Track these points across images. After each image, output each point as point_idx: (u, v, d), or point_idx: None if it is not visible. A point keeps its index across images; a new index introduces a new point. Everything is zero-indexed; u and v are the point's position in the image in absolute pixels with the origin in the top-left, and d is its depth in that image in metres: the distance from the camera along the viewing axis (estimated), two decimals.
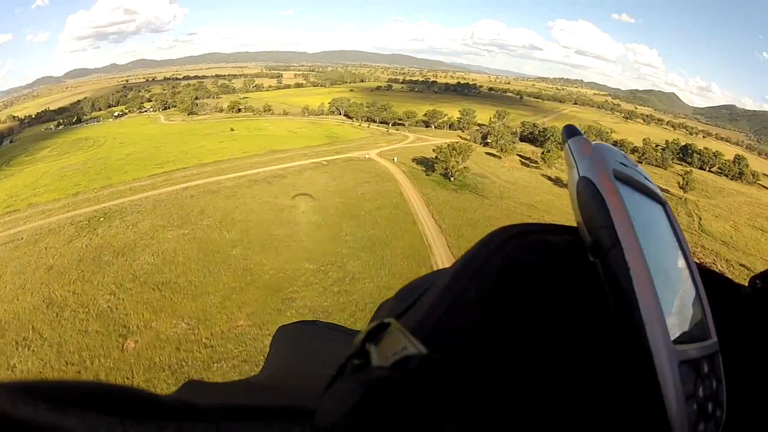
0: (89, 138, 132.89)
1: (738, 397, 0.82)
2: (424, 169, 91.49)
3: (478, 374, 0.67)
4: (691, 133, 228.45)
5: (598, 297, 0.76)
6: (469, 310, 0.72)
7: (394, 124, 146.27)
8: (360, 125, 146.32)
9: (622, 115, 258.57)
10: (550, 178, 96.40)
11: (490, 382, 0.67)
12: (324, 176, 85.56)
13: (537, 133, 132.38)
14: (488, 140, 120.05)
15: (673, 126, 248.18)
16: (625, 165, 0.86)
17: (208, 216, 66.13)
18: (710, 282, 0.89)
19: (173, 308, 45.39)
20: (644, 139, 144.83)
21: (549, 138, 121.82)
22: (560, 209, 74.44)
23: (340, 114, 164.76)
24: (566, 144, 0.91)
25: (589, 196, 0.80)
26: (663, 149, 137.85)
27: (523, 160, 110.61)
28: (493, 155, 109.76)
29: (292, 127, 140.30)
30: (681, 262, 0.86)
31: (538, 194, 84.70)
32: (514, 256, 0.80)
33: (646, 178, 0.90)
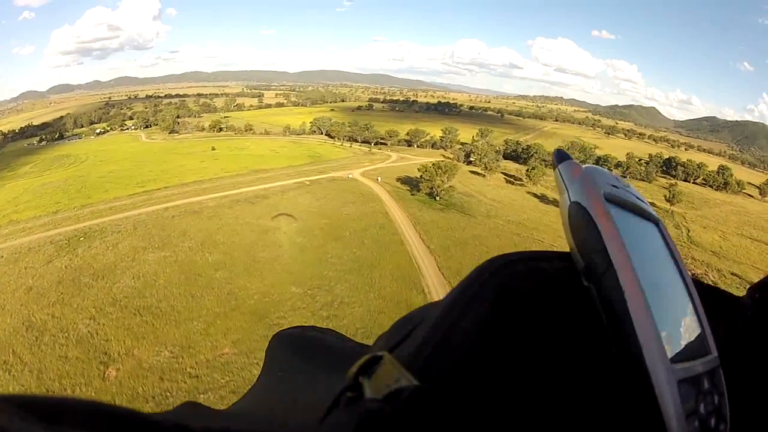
0: (71, 155, 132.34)
1: (742, 409, 0.81)
2: (408, 188, 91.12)
3: (472, 404, 0.66)
4: (673, 146, 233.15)
5: (593, 322, 0.76)
6: (462, 340, 0.72)
7: (376, 144, 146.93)
8: (342, 145, 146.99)
9: (604, 130, 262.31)
10: (535, 195, 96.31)
11: (484, 412, 0.66)
12: (307, 197, 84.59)
13: (520, 150, 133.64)
14: (472, 159, 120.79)
15: (654, 140, 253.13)
16: (616, 187, 0.86)
17: (190, 237, 64.98)
18: (708, 296, 0.89)
19: (155, 335, 44.01)
20: (627, 154, 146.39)
21: (533, 155, 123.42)
22: (548, 225, 74.30)
23: (322, 133, 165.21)
24: (557, 169, 0.91)
25: (580, 220, 0.81)
26: (647, 163, 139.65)
27: (508, 178, 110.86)
28: (478, 174, 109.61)
29: (274, 146, 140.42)
30: (676, 280, 0.86)
31: (525, 212, 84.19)
32: (507, 285, 0.79)
33: (638, 198, 0.90)
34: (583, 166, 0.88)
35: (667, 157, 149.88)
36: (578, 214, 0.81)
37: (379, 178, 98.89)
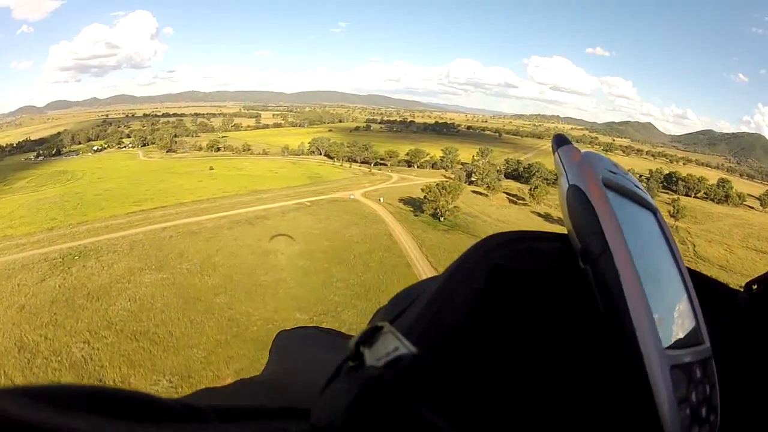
0: (67, 171, 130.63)
1: (733, 401, 0.83)
2: (411, 209, 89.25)
3: (468, 373, 0.68)
4: (671, 161, 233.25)
5: (589, 303, 0.77)
6: (458, 312, 0.73)
7: (376, 164, 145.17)
8: (341, 165, 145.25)
9: (602, 147, 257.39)
10: (540, 215, 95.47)
11: (479, 380, 0.68)
12: (309, 218, 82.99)
13: (522, 169, 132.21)
14: (473, 179, 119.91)
15: (653, 155, 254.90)
16: (614, 173, 0.87)
17: (188, 259, 63.22)
18: (704, 288, 0.90)
19: (153, 362, 42.28)
20: (628, 170, 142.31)
21: (535, 174, 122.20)
22: None
23: (321, 154, 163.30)
24: (556, 153, 0.93)
25: (578, 203, 0.82)
26: (648, 179, 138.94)
27: (510, 198, 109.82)
28: (480, 193, 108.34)
29: (273, 166, 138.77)
30: (672, 268, 0.87)
31: None
32: (504, 263, 0.81)
33: (636, 186, 0.91)
34: (583, 151, 0.91)
35: (667, 172, 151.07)
36: (576, 197, 0.82)
37: (382, 199, 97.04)
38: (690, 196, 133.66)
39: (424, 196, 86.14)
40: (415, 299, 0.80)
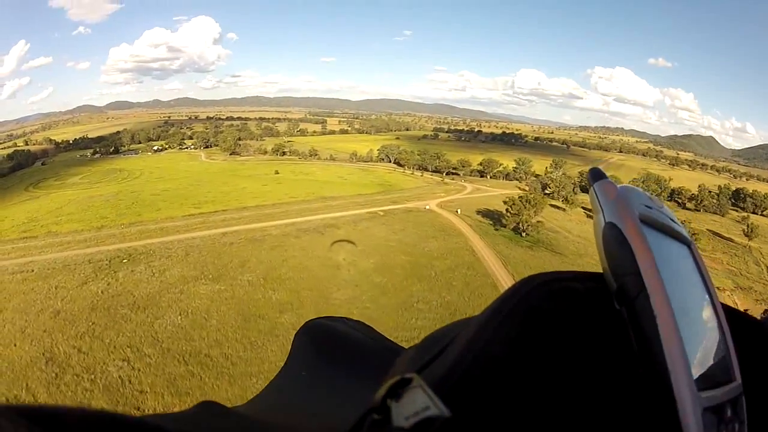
0: (124, 169, 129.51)
1: None
2: (491, 222, 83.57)
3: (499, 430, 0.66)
4: (735, 177, 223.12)
5: (624, 346, 0.77)
6: (493, 365, 0.72)
7: (447, 173, 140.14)
8: (413, 173, 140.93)
9: (668, 161, 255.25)
10: None
11: None
12: (383, 228, 76.37)
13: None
14: (547, 191, 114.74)
15: (717, 170, 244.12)
16: (650, 207, 0.87)
17: (249, 270, 57.28)
18: (733, 321, 0.88)
19: (203, 391, 35.56)
20: (699, 186, 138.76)
21: None
22: None
23: (390, 161, 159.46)
24: (592, 188, 0.92)
25: (615, 242, 0.81)
26: (716, 195, 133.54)
27: (588, 212, 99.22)
28: (557, 207, 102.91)
29: (342, 173, 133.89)
30: (706, 304, 0.85)
31: None
32: (539, 307, 0.80)
33: (671, 219, 0.91)
34: (619, 185, 0.90)
35: (734, 188, 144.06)
36: (613, 236, 0.82)
37: (459, 211, 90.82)
38: (757, 214, 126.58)
39: (506, 209, 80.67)
40: (447, 345, 0.80)
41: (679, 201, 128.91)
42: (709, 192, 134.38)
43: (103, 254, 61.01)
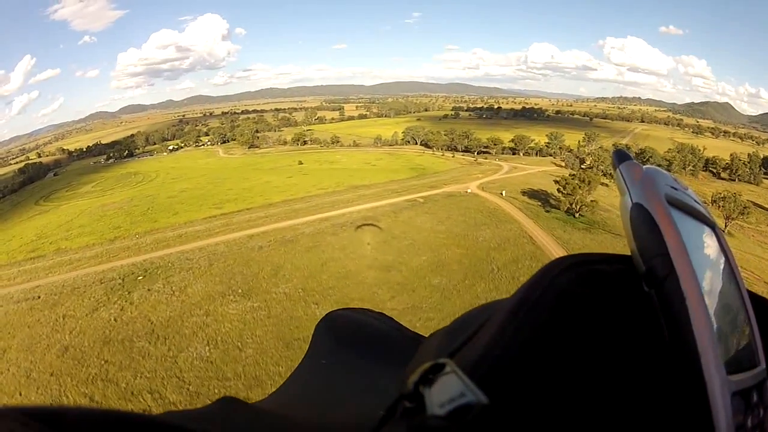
0: (139, 172, 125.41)
1: None
2: (539, 203, 77.95)
3: (534, 423, 0.65)
4: (758, 143, 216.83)
5: (654, 329, 0.77)
6: (526, 351, 0.72)
7: (478, 153, 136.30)
8: (443, 155, 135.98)
9: (690, 130, 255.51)
10: None
11: (542, 422, 0.65)
12: (427, 218, 68.93)
13: (634, 156, 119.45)
14: (583, 166, 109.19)
15: (740, 137, 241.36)
16: (675, 189, 0.87)
17: (285, 279, 50.08)
18: (757, 305, 0.89)
19: None
20: (731, 155, 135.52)
21: (648, 160, 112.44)
22: None
23: (417, 143, 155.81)
24: (617, 169, 0.91)
25: (642, 223, 0.81)
26: (748, 164, 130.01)
27: None
28: (602, 184, 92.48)
29: (369, 158, 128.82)
30: (732, 288, 0.86)
31: None
32: (569, 290, 0.80)
33: (696, 201, 0.90)
34: (644, 167, 0.90)
35: (762, 156, 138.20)
36: (640, 217, 0.82)
37: (503, 192, 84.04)
38: None
39: (558, 189, 75.35)
40: (478, 330, 0.81)
41: (714, 171, 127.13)
42: (740, 160, 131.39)
43: (115, 271, 54.75)
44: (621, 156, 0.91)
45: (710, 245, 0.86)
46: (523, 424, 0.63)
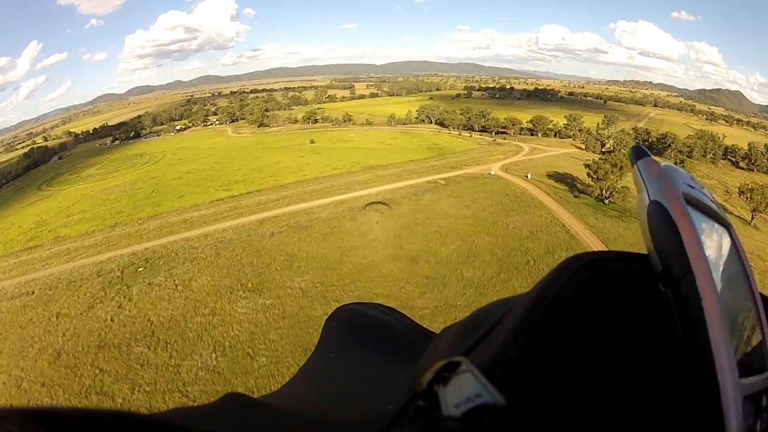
0: (145, 153, 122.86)
1: None
2: (566, 188, 75.27)
3: (553, 425, 0.65)
4: None
5: (669, 329, 0.76)
6: (542, 351, 0.72)
7: (496, 133, 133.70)
8: (460, 134, 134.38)
9: (704, 116, 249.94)
10: None
11: (563, 428, 0.64)
12: (451, 201, 65.03)
13: (654, 140, 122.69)
14: (603, 149, 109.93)
15: (753, 126, 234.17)
16: (692, 187, 0.87)
17: (300, 271, 46.38)
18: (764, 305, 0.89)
19: None
20: (749, 144, 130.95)
21: (669, 145, 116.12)
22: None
23: (432, 122, 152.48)
24: (635, 166, 0.91)
25: (660, 221, 0.81)
26: (765, 154, 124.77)
27: None
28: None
29: (383, 137, 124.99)
30: (745, 290, 0.86)
31: None
32: (587, 289, 0.79)
33: (712, 201, 0.90)
34: (662, 164, 0.89)
35: None
36: (658, 215, 0.81)
37: (529, 175, 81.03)
38: None
39: (588, 174, 72.32)
40: (494, 327, 0.80)
41: (732, 160, 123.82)
42: (758, 150, 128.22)
43: (114, 262, 51.69)
44: (639, 152, 0.91)
45: (725, 246, 0.87)
46: (541, 426, 0.63)
